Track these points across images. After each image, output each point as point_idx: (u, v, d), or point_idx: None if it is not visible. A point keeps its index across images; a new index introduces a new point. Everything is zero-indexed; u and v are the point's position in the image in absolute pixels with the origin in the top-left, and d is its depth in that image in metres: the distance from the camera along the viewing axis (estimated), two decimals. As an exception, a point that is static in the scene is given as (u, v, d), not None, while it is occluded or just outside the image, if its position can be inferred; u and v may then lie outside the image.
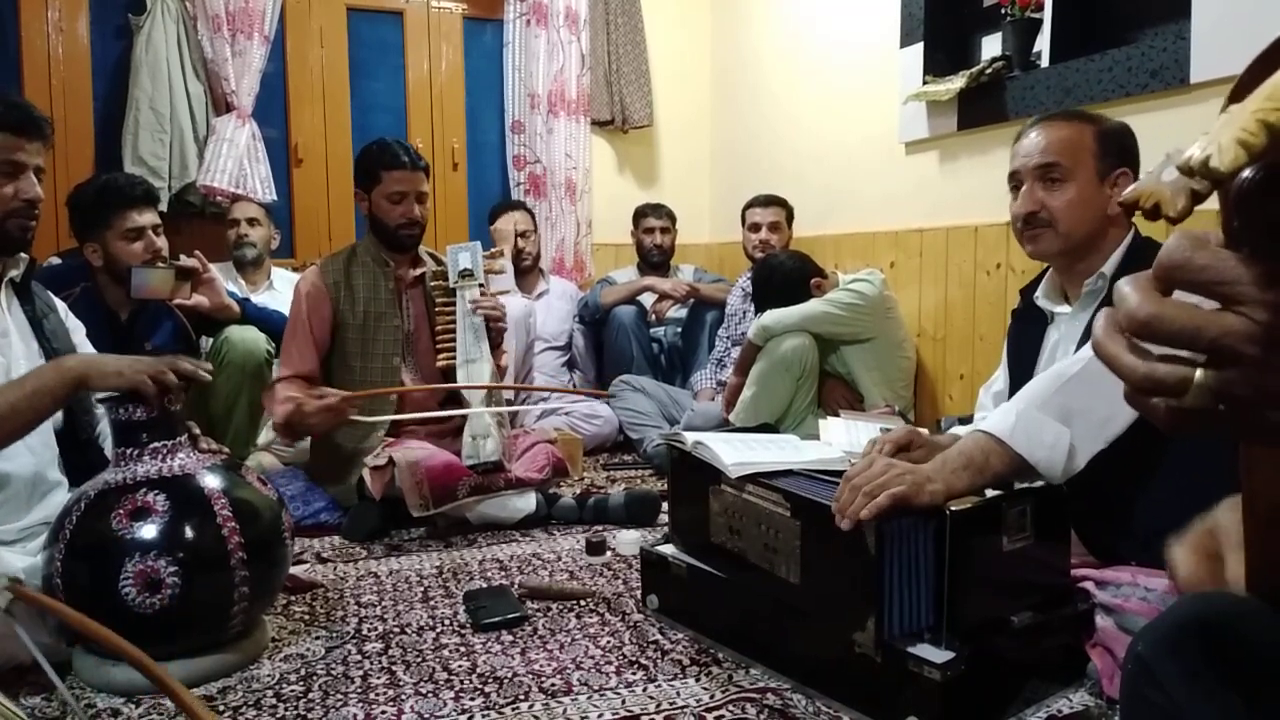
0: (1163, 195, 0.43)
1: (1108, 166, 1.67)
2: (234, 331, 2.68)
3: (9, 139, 1.67)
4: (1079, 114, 1.75)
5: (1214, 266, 0.42)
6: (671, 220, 3.96)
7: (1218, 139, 0.39)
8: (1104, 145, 1.68)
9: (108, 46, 3.51)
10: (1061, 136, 1.69)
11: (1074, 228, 1.68)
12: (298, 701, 1.47)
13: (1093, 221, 1.67)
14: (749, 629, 1.59)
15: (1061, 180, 1.68)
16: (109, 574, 1.46)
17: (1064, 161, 1.68)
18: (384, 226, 2.59)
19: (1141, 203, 0.44)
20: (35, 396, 1.55)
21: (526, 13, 4.09)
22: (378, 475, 2.35)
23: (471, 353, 2.52)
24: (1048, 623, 1.42)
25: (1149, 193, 0.44)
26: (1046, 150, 1.70)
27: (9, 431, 1.54)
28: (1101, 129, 1.70)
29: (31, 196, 1.71)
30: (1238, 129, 0.39)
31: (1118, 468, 1.48)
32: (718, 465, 1.60)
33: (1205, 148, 0.40)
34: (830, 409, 2.92)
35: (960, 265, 2.93)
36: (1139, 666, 0.64)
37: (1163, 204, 0.43)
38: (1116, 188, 1.65)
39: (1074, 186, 1.67)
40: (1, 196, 1.68)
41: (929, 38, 3.02)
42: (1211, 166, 0.39)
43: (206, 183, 3.43)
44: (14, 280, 1.79)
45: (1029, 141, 1.73)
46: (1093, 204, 1.67)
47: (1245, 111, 0.39)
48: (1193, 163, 0.40)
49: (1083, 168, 1.67)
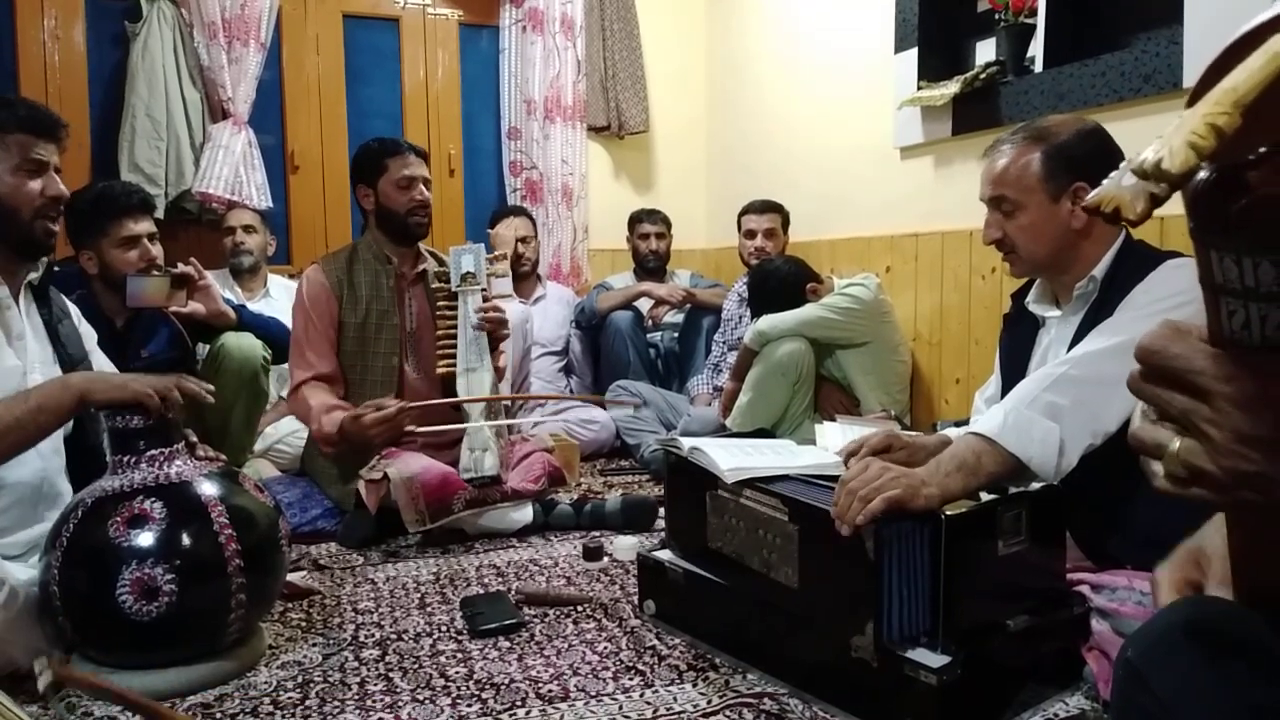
0: (1122, 199, 0.44)
1: (1059, 187, 1.64)
2: (230, 338, 2.68)
3: (28, 138, 1.69)
4: (1033, 133, 1.69)
5: (1184, 356, 0.46)
6: (667, 226, 3.96)
7: (1170, 142, 0.41)
8: (1051, 166, 1.64)
9: (104, 54, 3.52)
10: (1007, 167, 1.68)
11: (1035, 251, 1.69)
12: (295, 709, 1.47)
13: (1055, 240, 1.66)
14: (746, 634, 1.59)
15: (1014, 210, 1.68)
16: (106, 581, 1.46)
17: (1009, 194, 1.68)
18: (394, 216, 2.58)
19: (1102, 207, 0.46)
20: (40, 412, 1.56)
21: (522, 19, 4.10)
22: (373, 489, 2.33)
23: (472, 362, 2.50)
24: (1043, 626, 1.43)
25: (1109, 198, 0.45)
26: (995, 183, 1.70)
27: (12, 445, 1.55)
28: (1049, 149, 1.65)
29: (57, 194, 1.73)
30: (1188, 132, 0.40)
31: (1113, 471, 1.48)
32: (714, 471, 1.60)
33: (1158, 151, 0.41)
34: (826, 414, 2.93)
35: (955, 270, 2.94)
36: (1129, 671, 0.65)
37: (1123, 208, 0.44)
38: (1078, 201, 1.64)
39: (1027, 214, 1.67)
40: (29, 194, 1.69)
41: (923, 43, 3.03)
42: (1163, 169, 0.41)
43: (202, 189, 3.43)
44: (32, 283, 1.80)
45: (984, 170, 1.74)
46: (1050, 226, 1.66)
47: (1195, 115, 0.40)
48: (1146, 166, 0.42)
49: (1030, 194, 1.66)
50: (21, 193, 1.69)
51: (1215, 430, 0.45)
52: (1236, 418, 0.44)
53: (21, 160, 1.69)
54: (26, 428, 1.54)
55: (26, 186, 1.69)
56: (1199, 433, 0.45)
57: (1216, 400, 0.45)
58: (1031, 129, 1.70)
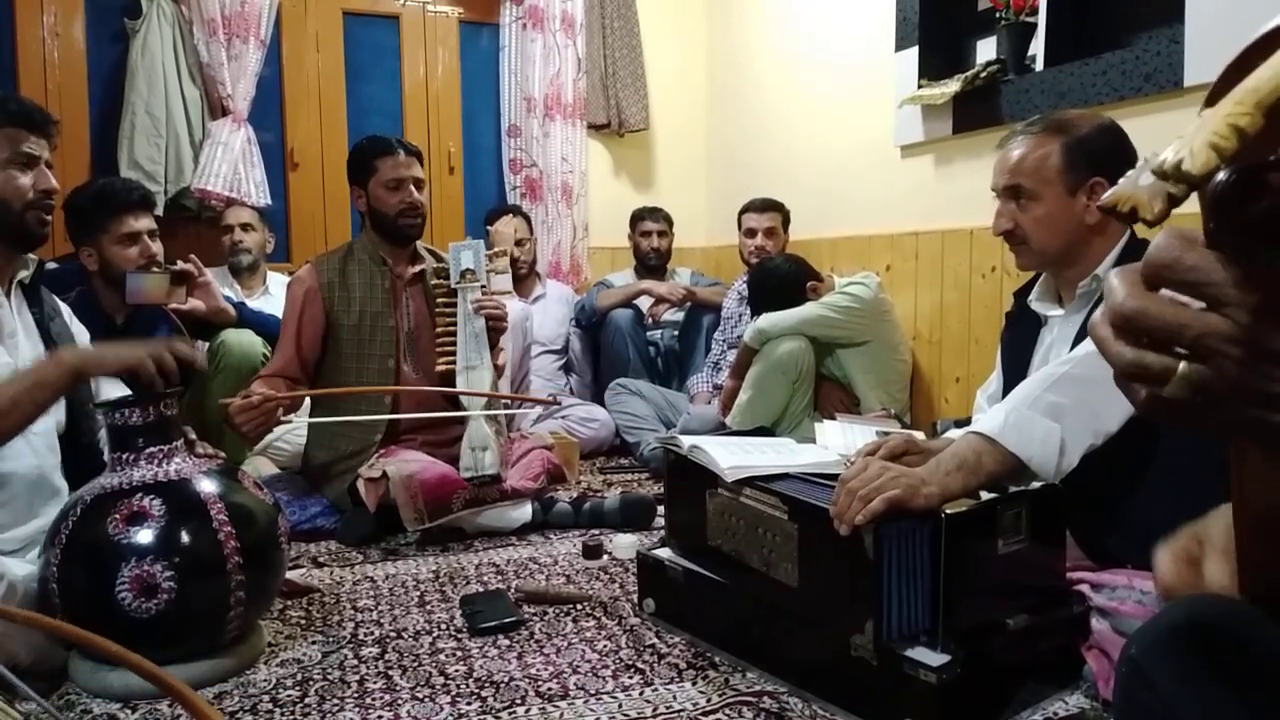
0: (1139, 199, 0.44)
1: (1077, 180, 1.65)
2: (230, 335, 2.68)
3: (18, 132, 1.69)
4: (1052, 124, 1.69)
5: (1200, 267, 0.43)
6: (668, 224, 3.96)
7: (1190, 143, 0.40)
8: (1071, 159, 1.65)
9: (103, 51, 3.51)
10: (1025, 156, 1.68)
11: (1048, 244, 1.69)
12: (294, 706, 1.47)
13: (1068, 234, 1.66)
14: (745, 632, 1.59)
15: (1029, 200, 1.68)
16: (105, 579, 1.46)
17: (1027, 184, 1.68)
18: (384, 218, 2.56)
19: (1119, 206, 0.45)
20: (34, 389, 1.55)
21: (522, 16, 4.09)
22: (372, 487, 2.33)
23: (472, 359, 2.48)
24: (1043, 625, 1.43)
25: (1126, 197, 0.45)
26: (1012, 172, 1.70)
27: (8, 426, 1.55)
28: (1069, 141, 1.65)
29: (48, 187, 1.73)
30: (1209, 133, 0.39)
31: (1113, 470, 1.48)
32: (714, 469, 1.60)
33: (1178, 151, 0.41)
34: (826, 412, 2.93)
35: (956, 268, 2.94)
36: (1132, 669, 0.64)
37: (1140, 208, 0.44)
38: (1094, 196, 1.64)
39: (1042, 205, 1.67)
40: (20, 189, 1.70)
41: (924, 42, 3.03)
42: (1184, 170, 0.40)
43: (201, 186, 3.42)
44: (23, 282, 1.80)
45: (999, 160, 1.73)
46: (1064, 219, 1.66)
47: (1217, 115, 0.40)
48: (1166, 166, 0.41)
49: (1049, 186, 1.66)
50: (12, 187, 1.69)
51: (1235, 347, 0.41)
52: (1262, 332, 0.41)
53: (12, 154, 1.69)
54: (23, 406, 1.54)
55: (17, 181, 1.70)
56: (1215, 352, 0.42)
57: (1239, 313, 0.41)
58: (1050, 120, 1.70)
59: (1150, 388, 0.44)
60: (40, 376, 1.57)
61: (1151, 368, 0.44)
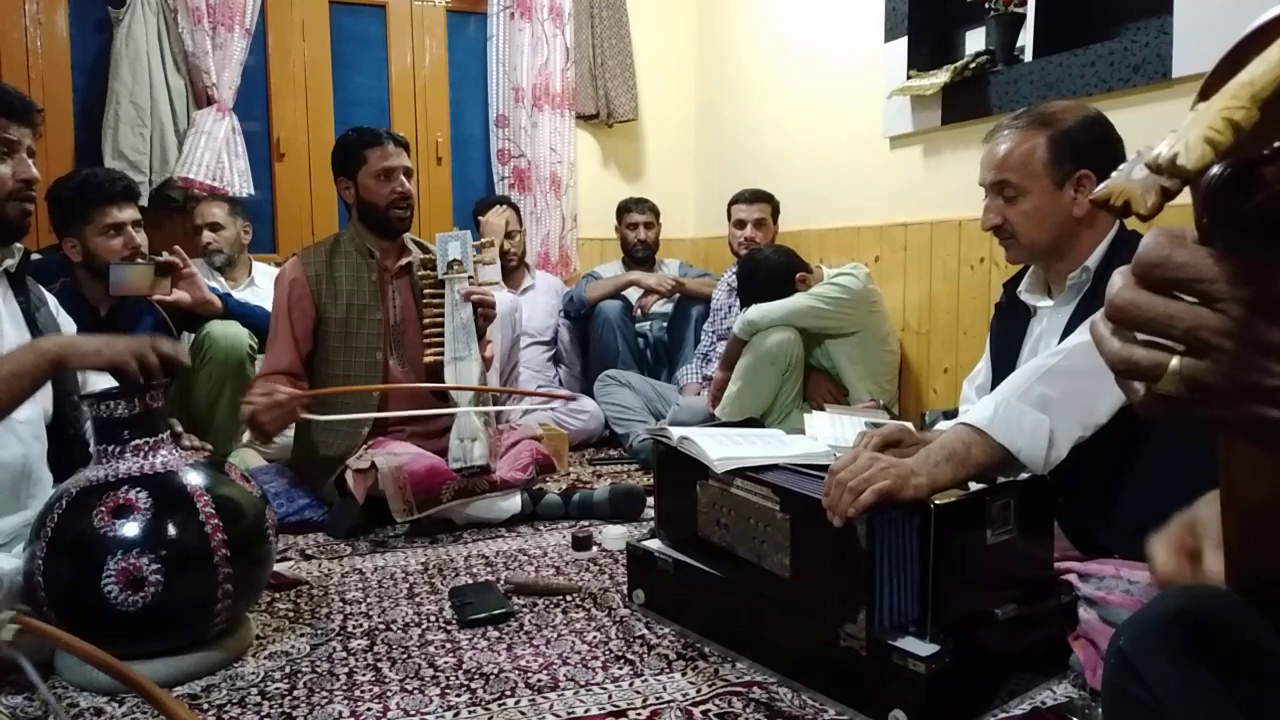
0: (1133, 193, 0.43)
1: (1063, 173, 1.65)
2: (216, 327, 2.66)
3: None
4: (1037, 118, 1.69)
5: (1190, 264, 0.43)
6: (656, 215, 3.95)
7: (1185, 137, 0.40)
8: (1057, 152, 1.65)
9: (87, 40, 3.47)
10: (1011, 151, 1.68)
11: (1036, 238, 1.69)
12: (282, 699, 1.46)
13: (1056, 228, 1.67)
14: (735, 623, 1.59)
15: (1016, 195, 1.68)
16: (91, 572, 1.45)
17: (1014, 179, 1.68)
18: (373, 209, 2.54)
19: (1112, 200, 0.45)
20: (13, 379, 1.52)
21: (510, 6, 4.07)
22: (360, 478, 2.32)
23: (460, 350, 2.46)
24: (1031, 615, 1.43)
25: (1119, 191, 0.44)
26: (998, 167, 1.70)
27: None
28: (1055, 134, 1.65)
29: (28, 176, 1.70)
30: (1204, 127, 0.39)
31: (1101, 460, 1.49)
32: (704, 460, 1.60)
33: (1173, 145, 0.40)
34: (815, 403, 2.93)
35: (944, 259, 2.94)
36: (1121, 660, 0.65)
37: (1133, 201, 0.44)
38: (1081, 189, 1.64)
39: (1029, 199, 1.67)
40: (0, 178, 1.66)
41: (913, 32, 3.03)
42: (1179, 164, 0.40)
43: (184, 175, 3.39)
44: (9, 271, 1.78)
45: (985, 155, 1.73)
46: (1052, 212, 1.66)
47: (1212, 109, 0.39)
48: (1160, 160, 0.41)
49: (1035, 180, 1.66)
50: None
51: (1228, 341, 0.41)
52: (1255, 325, 0.41)
53: None
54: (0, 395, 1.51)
55: None
56: (1207, 346, 0.42)
57: (1231, 307, 0.41)
58: (1035, 114, 1.70)
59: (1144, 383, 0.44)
60: (19, 365, 1.54)
61: (1142, 364, 0.43)
